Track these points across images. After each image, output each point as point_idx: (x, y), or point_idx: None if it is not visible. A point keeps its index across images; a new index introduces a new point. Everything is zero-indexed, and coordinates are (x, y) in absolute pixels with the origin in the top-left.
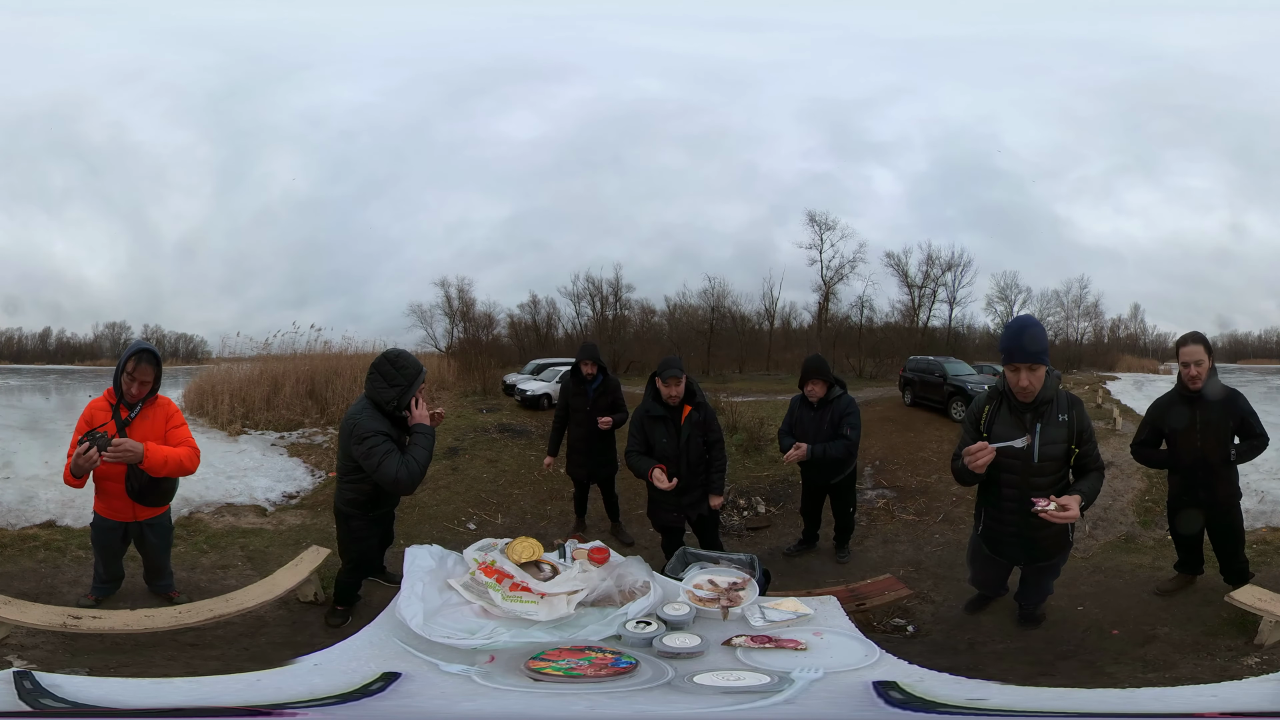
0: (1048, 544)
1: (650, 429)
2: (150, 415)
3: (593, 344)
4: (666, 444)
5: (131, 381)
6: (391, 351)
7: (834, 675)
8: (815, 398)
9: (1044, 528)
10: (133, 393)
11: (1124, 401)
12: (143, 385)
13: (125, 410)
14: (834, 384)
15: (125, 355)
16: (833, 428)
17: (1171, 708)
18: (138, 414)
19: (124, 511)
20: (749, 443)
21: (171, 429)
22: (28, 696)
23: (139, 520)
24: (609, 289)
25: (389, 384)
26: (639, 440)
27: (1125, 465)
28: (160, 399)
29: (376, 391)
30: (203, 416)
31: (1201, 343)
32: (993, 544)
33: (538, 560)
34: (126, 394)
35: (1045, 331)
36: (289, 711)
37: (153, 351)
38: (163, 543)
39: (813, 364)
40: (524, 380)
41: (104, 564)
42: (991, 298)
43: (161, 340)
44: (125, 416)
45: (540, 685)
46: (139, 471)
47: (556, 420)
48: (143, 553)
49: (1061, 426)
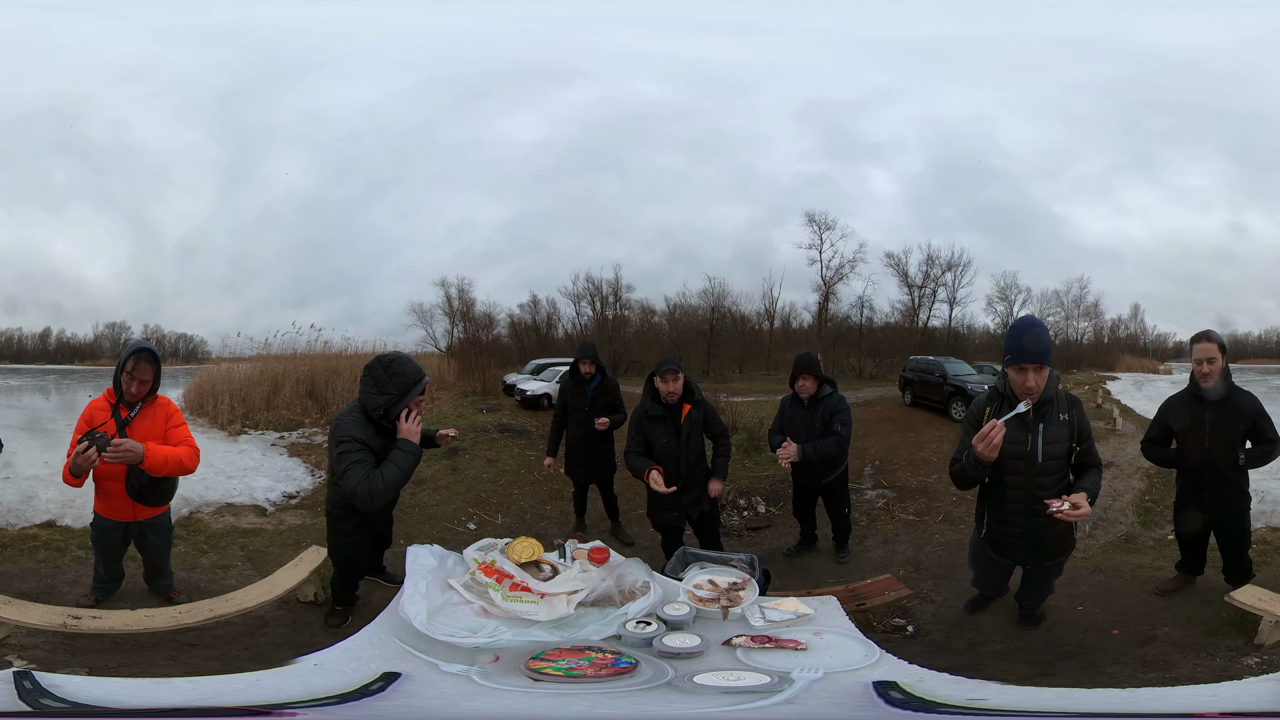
0: (1053, 544)
1: (649, 429)
2: (150, 415)
3: (591, 343)
4: (666, 443)
5: (131, 380)
6: (388, 355)
7: (834, 675)
8: (806, 394)
9: (1050, 528)
10: (132, 392)
11: (1124, 401)
12: (142, 384)
13: (125, 409)
14: (824, 381)
15: (125, 354)
16: (824, 425)
17: (1171, 708)
18: (137, 413)
19: (124, 511)
20: (749, 443)
21: (171, 428)
22: (28, 696)
23: (139, 520)
24: (609, 289)
25: (379, 390)
26: (638, 440)
27: (1125, 465)
28: (160, 398)
29: (366, 397)
30: (203, 416)
31: (1215, 341)
32: (997, 546)
33: (538, 560)
34: (126, 393)
35: (1049, 332)
36: (289, 711)
37: (152, 351)
38: (163, 543)
39: (804, 359)
40: (524, 380)
41: (104, 564)
42: (991, 298)
43: (161, 340)
44: (125, 416)
45: (540, 685)
46: (139, 471)
47: (555, 420)
48: (143, 553)
49: (1063, 426)
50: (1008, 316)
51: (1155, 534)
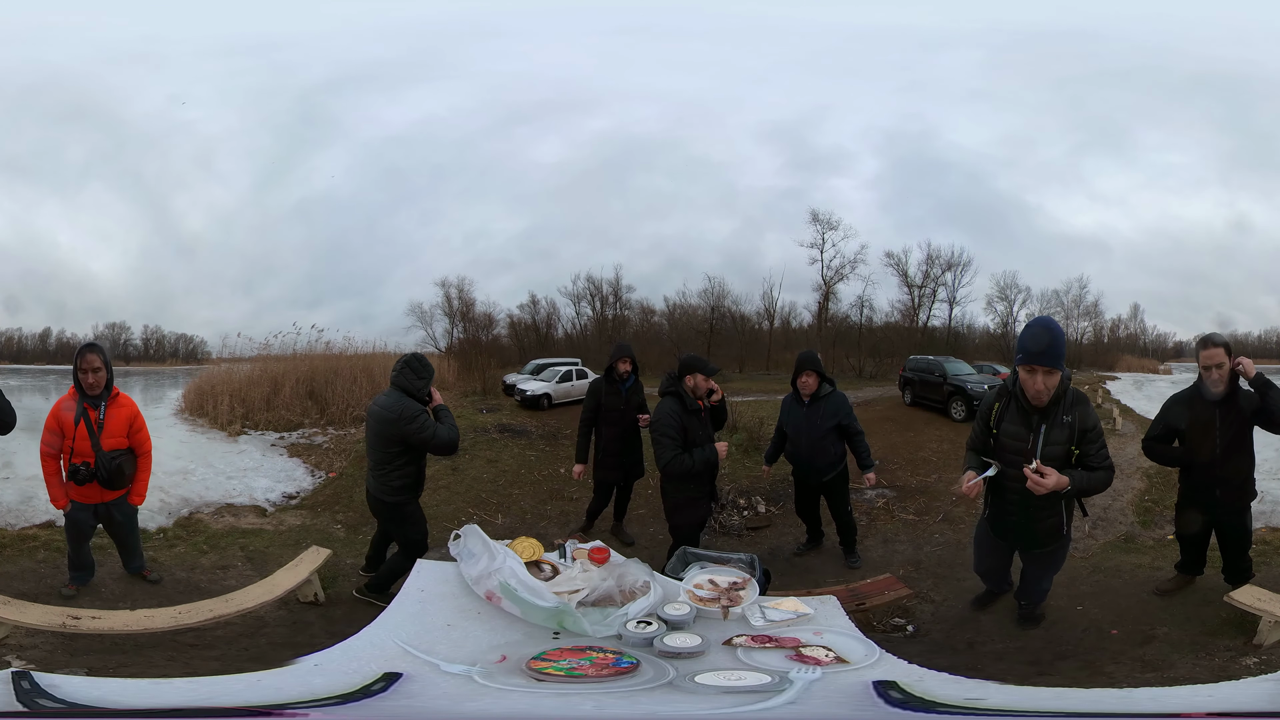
0: (1044, 535)
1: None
2: (115, 414)
3: (626, 343)
4: (702, 437)
5: (85, 374)
6: (415, 354)
7: (834, 675)
8: (808, 391)
9: (1041, 521)
10: (89, 383)
11: (1124, 401)
12: (95, 374)
13: (92, 410)
14: (825, 380)
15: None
16: (826, 424)
17: (1168, 708)
18: (105, 415)
19: (92, 495)
20: (749, 442)
21: (134, 431)
22: (25, 697)
23: (105, 502)
24: (609, 289)
25: (419, 376)
26: (680, 439)
27: (1125, 465)
28: (123, 397)
29: (409, 382)
30: (202, 417)
31: (1223, 345)
32: (996, 528)
33: (538, 560)
34: (84, 386)
35: (1064, 336)
36: (290, 711)
37: (95, 344)
38: (129, 521)
39: (807, 356)
40: (524, 380)
41: (77, 549)
42: (991, 297)
43: (161, 340)
44: (94, 418)
45: (543, 685)
46: (107, 462)
47: (583, 424)
48: (112, 532)
49: (1064, 428)
50: (1007, 316)
51: (1155, 534)
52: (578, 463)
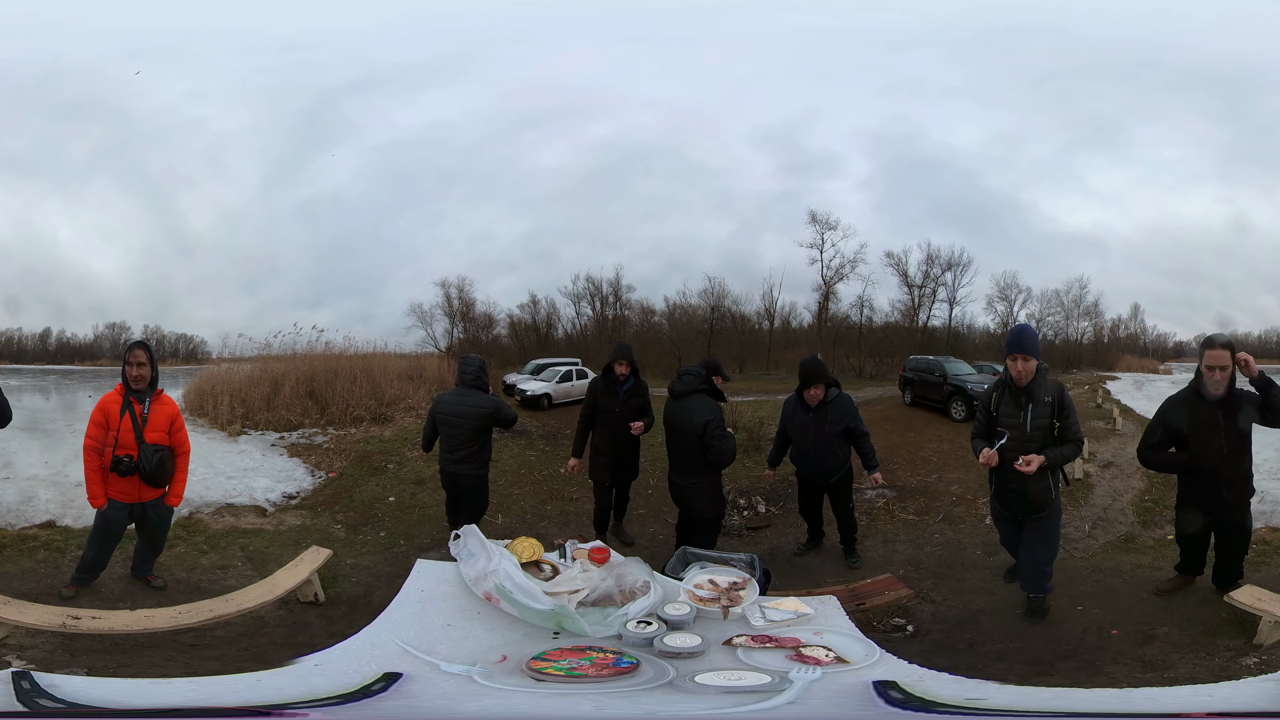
0: (1036, 499)
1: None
2: (159, 411)
3: (627, 344)
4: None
5: (131, 367)
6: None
7: (834, 675)
8: (816, 401)
9: (1032, 485)
10: (134, 375)
11: (1124, 401)
12: (140, 367)
13: (137, 404)
14: (830, 384)
15: (124, 349)
16: (833, 428)
17: (1168, 708)
18: (149, 410)
19: (131, 494)
20: (749, 442)
21: (175, 431)
22: (24, 696)
23: (143, 501)
24: (609, 289)
25: (482, 370)
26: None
27: (1125, 465)
28: (164, 396)
29: (476, 377)
30: (203, 417)
31: (1228, 347)
32: (1001, 500)
33: (538, 560)
34: (131, 380)
35: (1037, 334)
36: (290, 711)
37: (144, 342)
38: (163, 521)
39: (814, 369)
40: (524, 380)
41: (99, 551)
42: (991, 297)
43: (161, 340)
44: (139, 411)
45: (543, 685)
46: (150, 455)
47: (582, 421)
48: (144, 533)
49: (1046, 406)
50: (1008, 316)
51: (1155, 534)
52: (573, 456)
